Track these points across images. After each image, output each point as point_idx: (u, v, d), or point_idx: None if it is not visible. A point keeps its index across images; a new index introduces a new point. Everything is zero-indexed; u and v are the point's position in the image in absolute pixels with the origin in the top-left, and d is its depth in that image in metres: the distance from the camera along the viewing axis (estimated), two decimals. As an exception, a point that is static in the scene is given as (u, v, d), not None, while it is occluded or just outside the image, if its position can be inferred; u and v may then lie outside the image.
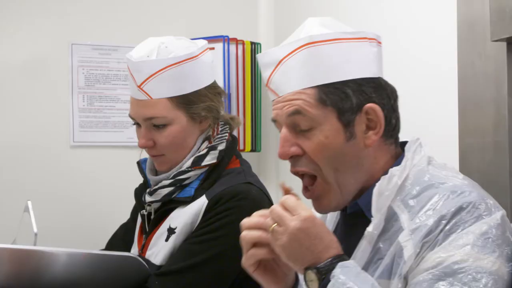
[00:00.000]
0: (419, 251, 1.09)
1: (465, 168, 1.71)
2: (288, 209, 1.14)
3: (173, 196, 1.69)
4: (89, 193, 2.74)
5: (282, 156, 1.23)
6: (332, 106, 1.19)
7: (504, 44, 1.63)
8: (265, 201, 1.69)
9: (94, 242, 2.20)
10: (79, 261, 1.56)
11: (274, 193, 2.14)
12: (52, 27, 2.72)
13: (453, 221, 1.09)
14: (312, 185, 1.24)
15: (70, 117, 2.73)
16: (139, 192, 1.83)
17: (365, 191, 1.22)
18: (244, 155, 1.85)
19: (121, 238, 1.94)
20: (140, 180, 1.87)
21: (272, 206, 1.17)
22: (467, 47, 1.76)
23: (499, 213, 1.12)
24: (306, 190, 1.25)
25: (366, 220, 1.20)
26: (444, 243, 1.08)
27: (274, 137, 2.91)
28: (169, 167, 1.71)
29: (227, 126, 1.77)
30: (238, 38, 2.78)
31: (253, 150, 2.82)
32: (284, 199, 1.16)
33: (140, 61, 1.65)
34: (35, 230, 1.64)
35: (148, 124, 1.68)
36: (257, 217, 1.21)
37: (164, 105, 1.66)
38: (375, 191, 1.17)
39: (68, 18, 2.74)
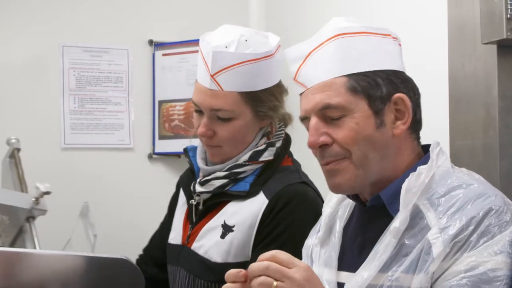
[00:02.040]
0: (449, 250, 1.10)
1: (455, 170, 1.72)
2: (283, 263, 1.11)
3: (226, 188, 1.68)
4: (80, 196, 2.73)
5: (312, 145, 1.22)
6: (362, 93, 1.20)
7: (494, 46, 1.64)
8: (320, 203, 1.67)
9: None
10: (68, 263, 1.55)
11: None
12: (43, 28, 2.71)
13: (485, 223, 1.11)
14: (337, 161, 1.23)
15: (61, 119, 2.73)
16: (186, 181, 1.82)
17: (388, 184, 1.23)
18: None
19: (159, 246, 1.89)
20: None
21: (265, 263, 1.11)
22: (457, 50, 1.77)
23: None
24: (327, 163, 1.23)
25: (386, 214, 1.20)
26: (478, 247, 1.10)
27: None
28: (222, 159, 1.70)
29: (283, 123, 1.77)
30: (230, 40, 2.78)
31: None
32: (274, 254, 1.12)
33: (218, 51, 1.62)
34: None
35: (213, 114, 1.66)
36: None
37: (233, 98, 1.64)
38: (404, 187, 1.17)
39: (59, 19, 2.74)
